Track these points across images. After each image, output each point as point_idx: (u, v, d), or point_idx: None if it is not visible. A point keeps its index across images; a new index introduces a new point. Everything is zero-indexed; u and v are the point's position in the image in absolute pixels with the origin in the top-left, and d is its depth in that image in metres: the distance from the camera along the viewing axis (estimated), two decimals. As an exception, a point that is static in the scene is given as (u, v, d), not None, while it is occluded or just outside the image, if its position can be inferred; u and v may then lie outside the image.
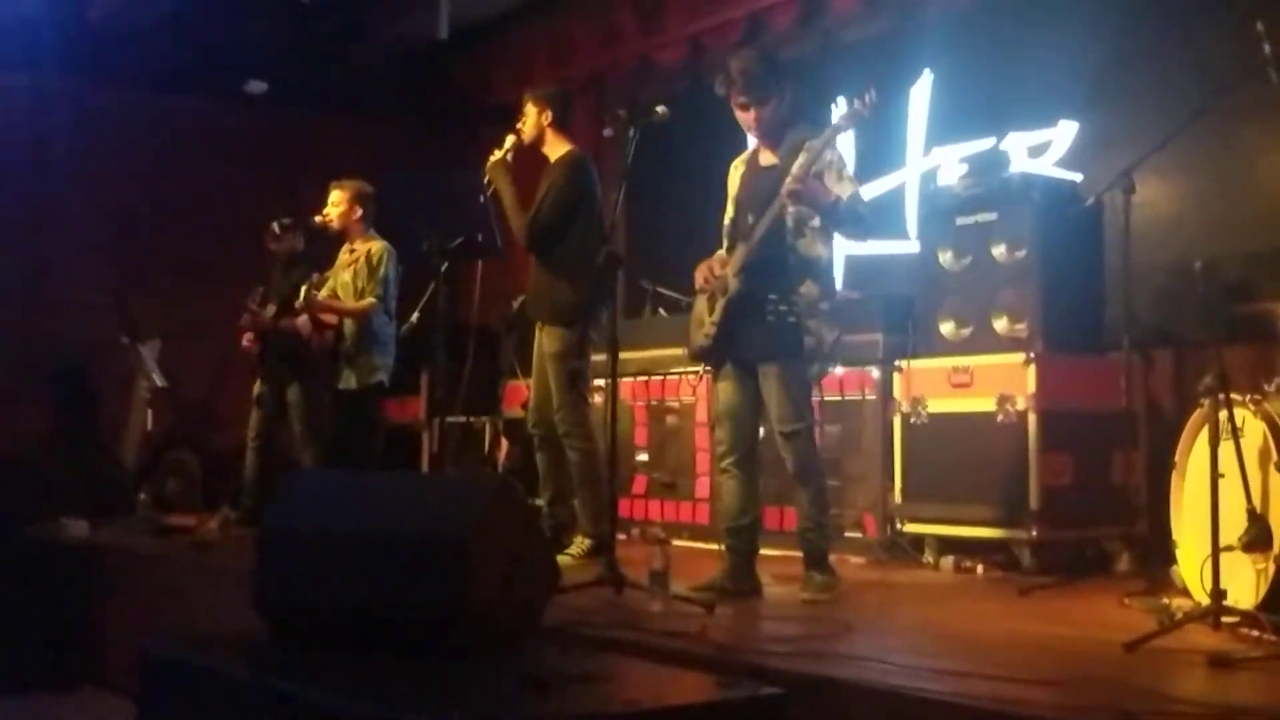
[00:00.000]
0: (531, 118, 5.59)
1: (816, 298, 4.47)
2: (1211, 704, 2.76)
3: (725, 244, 4.72)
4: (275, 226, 6.65)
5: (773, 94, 4.54)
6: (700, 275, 4.64)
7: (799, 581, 4.56)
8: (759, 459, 4.68)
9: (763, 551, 4.76)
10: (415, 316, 6.59)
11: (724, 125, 4.95)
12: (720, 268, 4.58)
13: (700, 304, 4.68)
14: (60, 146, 8.72)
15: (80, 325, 8.76)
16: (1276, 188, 5.72)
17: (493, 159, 5.58)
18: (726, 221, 4.76)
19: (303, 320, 6.62)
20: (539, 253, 5.57)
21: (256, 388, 7.13)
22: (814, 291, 4.47)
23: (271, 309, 7.01)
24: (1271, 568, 3.65)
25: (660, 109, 4.66)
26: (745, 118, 4.59)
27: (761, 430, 4.69)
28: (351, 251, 6.76)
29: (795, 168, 4.33)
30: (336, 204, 6.73)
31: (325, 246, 6.85)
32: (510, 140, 5.61)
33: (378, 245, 6.71)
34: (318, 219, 6.72)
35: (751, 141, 4.81)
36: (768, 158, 4.64)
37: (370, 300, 6.57)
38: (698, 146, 4.80)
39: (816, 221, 4.46)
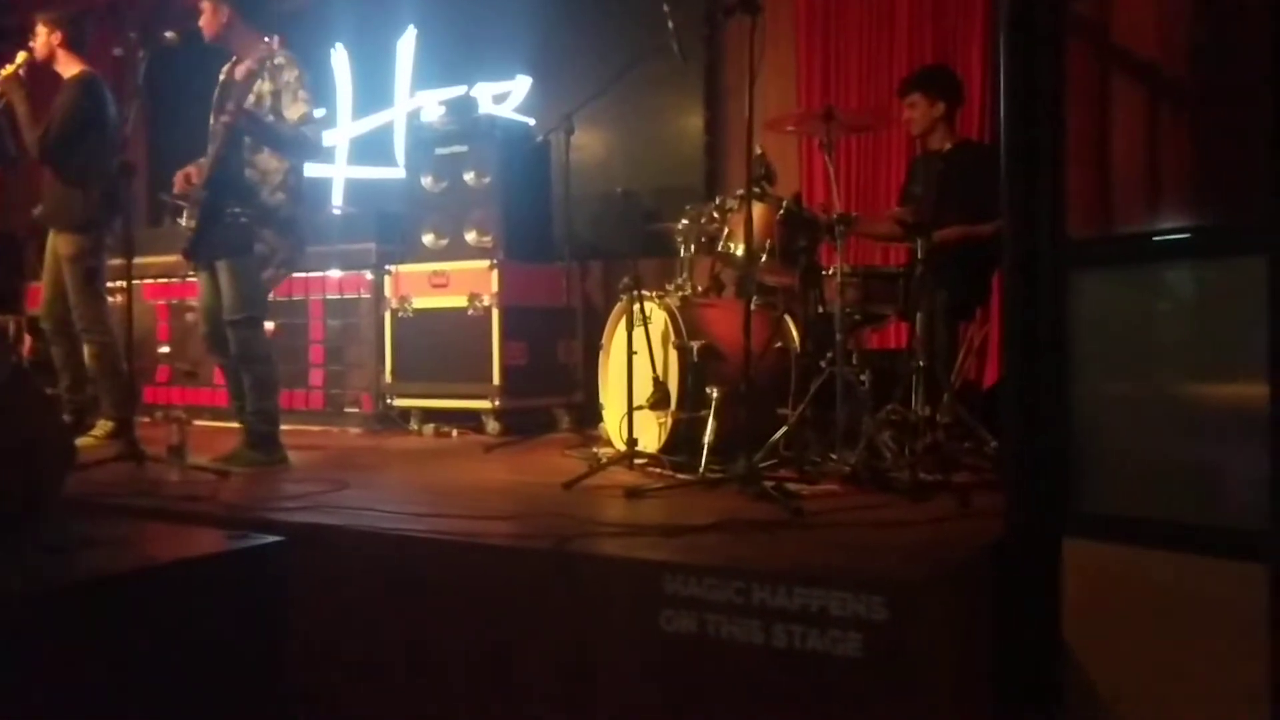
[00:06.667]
0: (42, 37, 4.84)
1: (273, 207, 4.06)
2: (625, 523, 2.92)
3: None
4: None
5: (213, 3, 4.07)
6: (179, 183, 4.10)
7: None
8: None
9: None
10: (-70, 221, 5.62)
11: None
12: (196, 176, 4.07)
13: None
14: None
15: None
16: (678, 137, 6.08)
17: (3, 73, 4.80)
18: None
19: None
20: (51, 164, 4.84)
21: None
22: (271, 201, 4.05)
23: None
24: (669, 421, 3.92)
25: (169, 34, 4.14)
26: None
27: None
28: None
29: (238, 95, 3.88)
30: None
31: None
32: (21, 56, 4.82)
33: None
34: None
35: None
36: (237, 70, 4.10)
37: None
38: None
39: None
